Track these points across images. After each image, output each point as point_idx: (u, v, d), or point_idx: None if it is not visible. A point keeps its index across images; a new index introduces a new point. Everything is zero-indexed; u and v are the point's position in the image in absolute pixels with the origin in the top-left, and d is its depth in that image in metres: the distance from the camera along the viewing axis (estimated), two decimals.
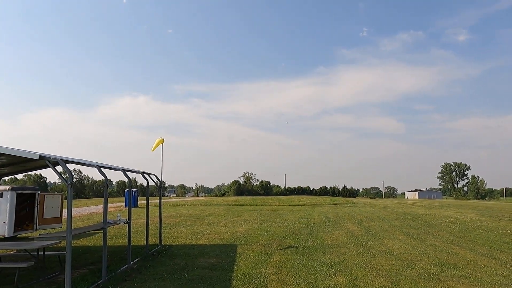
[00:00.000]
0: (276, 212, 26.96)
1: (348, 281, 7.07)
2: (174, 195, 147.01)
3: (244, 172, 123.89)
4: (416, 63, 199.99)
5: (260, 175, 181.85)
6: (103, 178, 7.03)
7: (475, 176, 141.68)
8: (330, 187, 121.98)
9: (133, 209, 27.02)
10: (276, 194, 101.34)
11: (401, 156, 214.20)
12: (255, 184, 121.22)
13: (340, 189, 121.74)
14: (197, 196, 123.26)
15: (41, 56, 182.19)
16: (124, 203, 35.70)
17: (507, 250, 10.62)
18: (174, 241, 12.29)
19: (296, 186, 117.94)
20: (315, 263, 8.69)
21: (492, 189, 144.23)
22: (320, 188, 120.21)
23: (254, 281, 7.03)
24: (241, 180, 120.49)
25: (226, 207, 33.20)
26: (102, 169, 7.01)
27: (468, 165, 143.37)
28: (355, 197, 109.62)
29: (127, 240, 8.74)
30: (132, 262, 8.39)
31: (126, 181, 8.64)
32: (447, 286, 6.73)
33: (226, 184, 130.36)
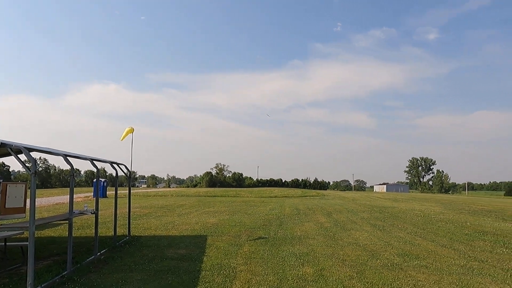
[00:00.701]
0: (248, 203, 27.10)
1: (315, 271, 7.24)
2: (145, 185, 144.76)
3: (216, 164, 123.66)
4: (388, 60, 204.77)
5: (233, 167, 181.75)
6: (70, 167, 6.83)
7: (440, 171, 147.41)
8: (302, 179, 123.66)
9: (102, 200, 26.46)
10: (249, 186, 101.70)
11: (371, 150, 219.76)
12: (227, 175, 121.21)
13: (312, 182, 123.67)
14: (169, 187, 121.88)
15: (4, 43, 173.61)
16: (92, 193, 34.86)
17: (466, 242, 11.16)
18: (143, 232, 12.14)
19: (269, 178, 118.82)
20: (284, 254, 8.82)
21: (455, 183, 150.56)
22: (292, 180, 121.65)
23: (223, 272, 7.07)
24: (214, 172, 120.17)
25: (197, 198, 33.06)
26: (68, 157, 6.80)
27: (433, 160, 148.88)
28: (326, 189, 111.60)
29: (94, 230, 8.56)
30: (99, 253, 8.24)
31: (95, 171, 8.42)
32: (408, 276, 7.01)
33: (198, 175, 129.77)
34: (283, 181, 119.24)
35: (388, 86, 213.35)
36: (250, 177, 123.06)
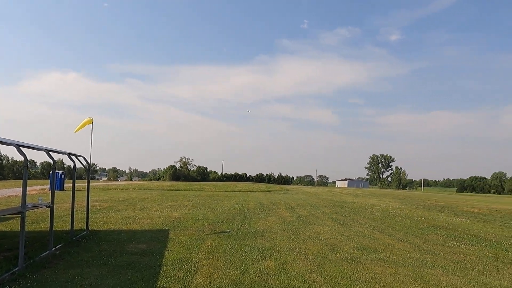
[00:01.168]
0: (212, 198, 26.96)
1: (277, 265, 7.31)
2: (106, 178, 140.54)
3: (181, 157, 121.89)
4: (352, 58, 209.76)
5: (198, 161, 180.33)
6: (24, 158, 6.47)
7: (399, 167, 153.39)
8: (266, 174, 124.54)
9: (59, 193, 25.38)
10: (213, 180, 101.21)
11: (334, 146, 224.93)
12: (191, 169, 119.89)
13: (276, 177, 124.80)
14: (131, 180, 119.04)
15: None
16: (48, 186, 33.37)
17: (420, 235, 11.67)
18: (102, 226, 11.77)
19: (233, 173, 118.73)
20: (246, 248, 8.85)
21: (412, 180, 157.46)
22: (257, 175, 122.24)
23: (184, 266, 6.99)
24: (178, 165, 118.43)
25: (160, 192, 32.49)
26: (21, 148, 6.44)
27: (393, 157, 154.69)
28: (290, 184, 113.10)
29: (49, 225, 8.19)
30: (54, 248, 7.90)
31: (52, 163, 8.03)
32: (367, 269, 7.23)
33: (162, 169, 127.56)
34: (248, 175, 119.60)
35: (352, 83, 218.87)
36: (214, 171, 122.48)
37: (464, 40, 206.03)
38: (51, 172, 8.13)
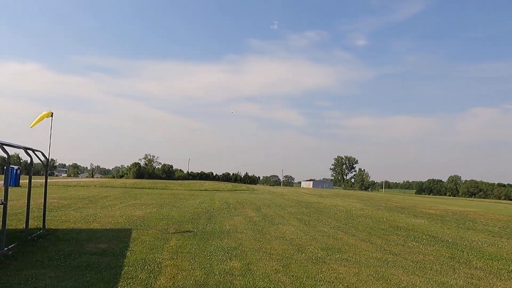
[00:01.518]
0: (177, 196, 26.53)
1: (242, 265, 7.25)
2: (65, 175, 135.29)
3: (146, 154, 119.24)
4: (320, 61, 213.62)
5: (163, 159, 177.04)
6: None
7: (362, 169, 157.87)
8: (233, 173, 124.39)
9: (13, 189, 24.09)
10: (179, 179, 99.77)
11: (301, 147, 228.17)
12: (156, 167, 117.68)
13: (242, 176, 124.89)
14: (92, 177, 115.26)
15: None
16: (2, 182, 31.62)
17: (382, 236, 12.00)
18: (60, 225, 11.24)
19: (200, 172, 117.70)
20: (211, 248, 8.72)
21: (374, 181, 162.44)
22: (223, 174, 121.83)
23: (147, 267, 6.78)
24: (142, 163, 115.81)
25: (123, 190, 31.60)
26: None
27: (356, 159, 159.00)
28: (256, 184, 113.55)
29: (1, 223, 7.70)
30: (6, 248, 7.43)
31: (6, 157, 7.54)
32: (331, 269, 7.31)
33: (126, 166, 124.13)
34: (214, 174, 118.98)
35: (320, 86, 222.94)
36: (180, 170, 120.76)
37: (426, 48, 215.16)
38: (5, 167, 7.63)
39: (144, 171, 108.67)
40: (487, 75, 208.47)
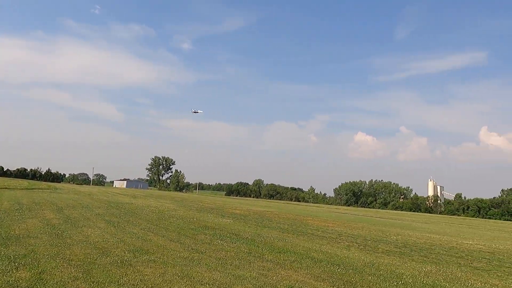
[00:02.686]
0: None
1: (32, 275, 6.32)
2: None
3: None
4: (144, 57, 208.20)
5: None
6: None
7: (178, 170, 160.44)
8: (31, 169, 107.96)
9: None
10: None
11: (115, 144, 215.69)
12: None
13: (43, 173, 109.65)
14: None
15: None
16: None
17: (191, 235, 12.47)
18: None
19: None
20: None
21: (189, 183, 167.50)
22: (18, 169, 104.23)
23: None
24: None
25: None
26: None
27: (174, 160, 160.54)
28: (60, 182, 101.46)
29: None
30: None
31: None
32: (137, 271, 7.14)
33: None
34: (6, 169, 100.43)
35: (141, 83, 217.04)
36: None
37: (244, 61, 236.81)
38: None
39: None
40: (291, 95, 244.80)
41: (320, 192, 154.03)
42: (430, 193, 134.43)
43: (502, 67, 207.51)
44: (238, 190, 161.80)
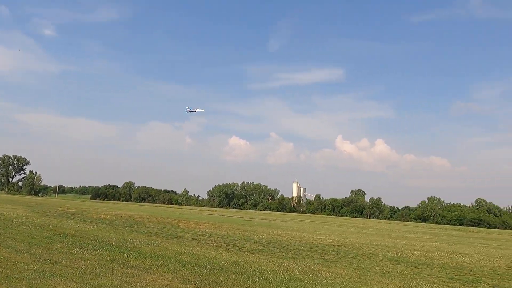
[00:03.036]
0: None
1: None
2: None
3: None
4: None
5: None
6: None
7: (33, 172, 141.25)
8: None
9: None
10: None
11: None
12: None
13: None
14: None
15: None
16: None
17: (45, 245, 11.14)
18: None
19: None
20: None
21: (47, 185, 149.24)
22: None
23: None
24: None
25: None
26: None
27: (28, 160, 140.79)
28: None
29: None
30: None
31: None
32: None
33: None
34: None
35: None
36: None
37: (116, 56, 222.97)
38: None
39: None
40: (167, 95, 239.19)
41: (194, 194, 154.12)
42: (295, 194, 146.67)
43: (354, 85, 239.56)
44: (105, 193, 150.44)
